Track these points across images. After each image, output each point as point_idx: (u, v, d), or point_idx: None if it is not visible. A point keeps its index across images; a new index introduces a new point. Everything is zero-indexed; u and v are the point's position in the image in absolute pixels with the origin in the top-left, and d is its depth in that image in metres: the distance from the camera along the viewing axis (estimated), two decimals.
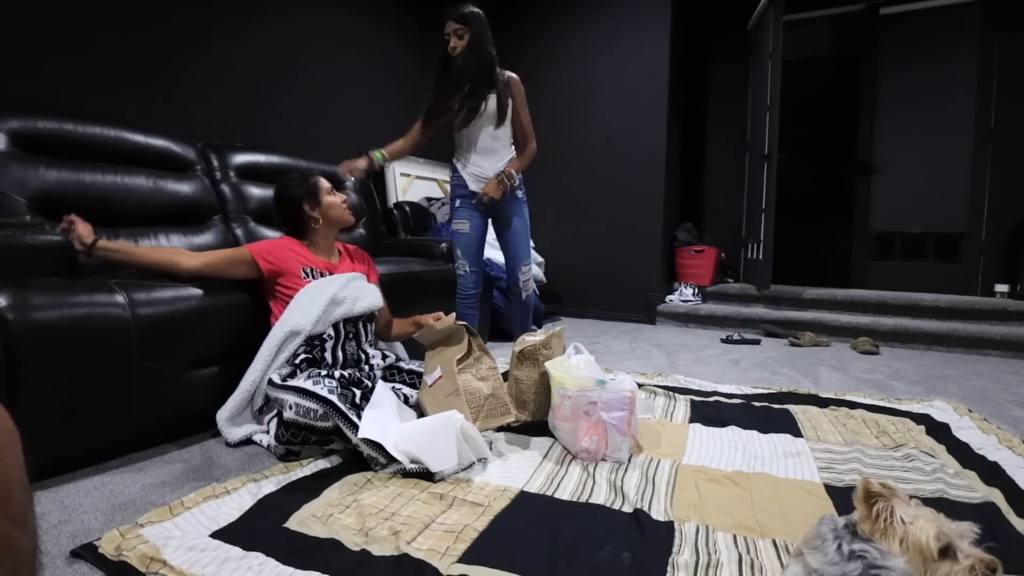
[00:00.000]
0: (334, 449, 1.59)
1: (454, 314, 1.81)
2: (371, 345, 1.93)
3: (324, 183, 1.93)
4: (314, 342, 1.74)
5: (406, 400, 1.78)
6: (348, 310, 1.80)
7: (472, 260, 2.41)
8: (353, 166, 2.24)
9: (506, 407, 1.70)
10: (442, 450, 1.42)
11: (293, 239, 1.92)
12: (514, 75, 2.34)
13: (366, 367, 1.84)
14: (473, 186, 2.35)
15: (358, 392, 1.56)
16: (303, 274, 1.82)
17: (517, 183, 2.39)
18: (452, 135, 2.38)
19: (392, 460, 1.43)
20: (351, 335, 1.83)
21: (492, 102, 2.28)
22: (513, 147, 2.40)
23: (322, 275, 1.85)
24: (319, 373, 1.61)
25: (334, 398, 1.50)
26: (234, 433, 1.67)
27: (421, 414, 1.70)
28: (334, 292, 1.77)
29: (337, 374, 1.62)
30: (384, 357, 1.97)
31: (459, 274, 2.42)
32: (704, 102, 4.81)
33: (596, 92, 4.30)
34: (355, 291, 1.84)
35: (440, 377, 1.67)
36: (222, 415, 1.69)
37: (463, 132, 2.32)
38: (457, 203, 2.40)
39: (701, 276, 4.40)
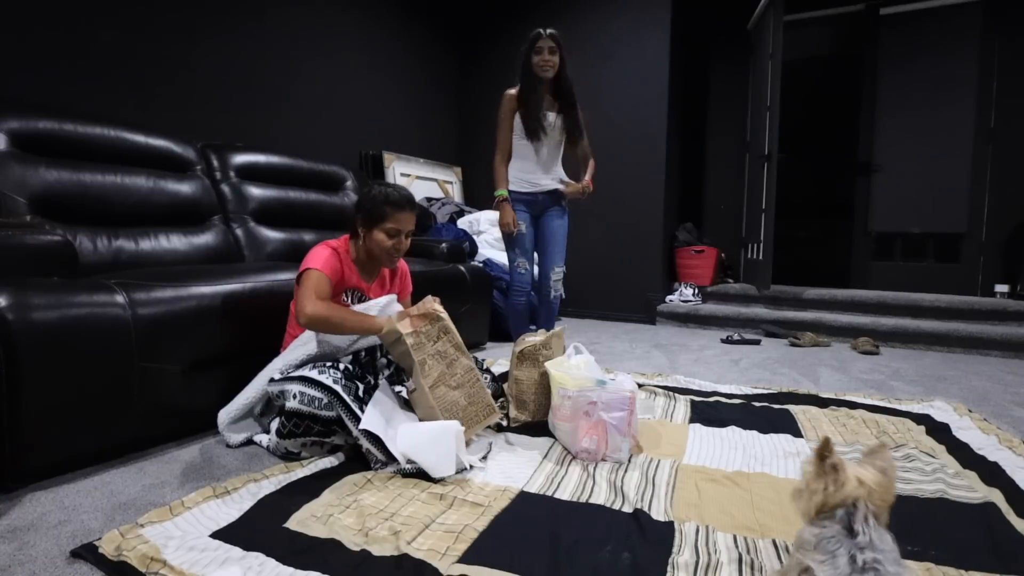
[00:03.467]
0: (336, 444, 1.59)
1: (429, 298, 1.71)
2: (382, 355, 1.90)
3: (393, 220, 1.73)
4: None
5: (405, 403, 1.76)
6: (374, 341, 1.74)
7: (529, 258, 2.49)
8: (508, 220, 2.35)
9: (489, 408, 1.67)
10: (441, 458, 1.42)
11: (343, 245, 1.81)
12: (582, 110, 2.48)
13: (370, 375, 1.81)
14: (529, 188, 2.43)
15: (361, 386, 1.56)
16: (344, 297, 1.77)
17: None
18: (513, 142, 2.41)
19: (391, 458, 1.44)
20: (366, 354, 1.80)
21: (566, 120, 2.39)
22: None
23: (358, 298, 1.80)
24: (324, 365, 1.60)
25: (338, 388, 1.50)
26: (235, 437, 1.67)
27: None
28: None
29: (342, 366, 1.61)
30: (389, 364, 1.94)
31: (519, 272, 2.46)
32: (704, 102, 4.81)
33: (596, 92, 4.30)
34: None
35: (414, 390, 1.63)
36: (223, 419, 1.68)
37: (532, 143, 2.37)
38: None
39: (701, 276, 4.40)
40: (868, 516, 0.79)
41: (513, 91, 2.37)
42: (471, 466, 1.49)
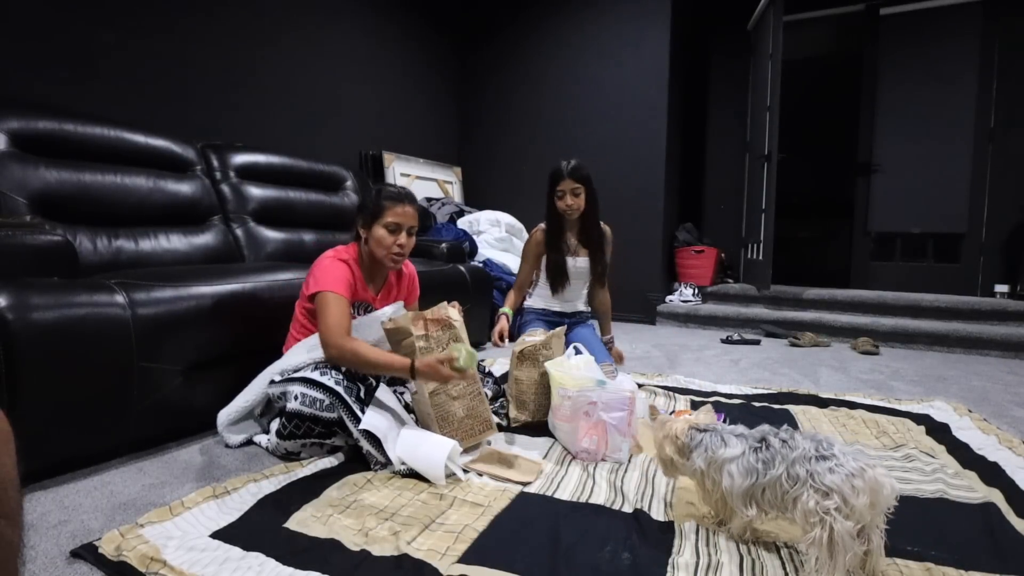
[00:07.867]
0: (336, 445, 1.59)
1: (444, 304, 1.67)
2: None
3: (392, 214, 1.68)
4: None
5: (407, 407, 1.76)
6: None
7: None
8: (499, 330, 2.17)
9: (486, 423, 1.63)
10: (432, 468, 1.41)
11: (352, 253, 1.77)
12: (608, 229, 2.34)
13: (371, 376, 1.81)
14: (548, 307, 2.36)
15: (362, 387, 1.56)
16: (352, 309, 1.71)
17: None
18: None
19: (391, 460, 1.45)
20: None
21: (592, 265, 2.30)
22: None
23: (364, 309, 1.77)
24: (325, 366, 1.60)
25: (340, 389, 1.50)
26: (234, 438, 1.67)
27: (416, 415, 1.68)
28: (375, 339, 1.68)
29: (343, 368, 1.60)
30: None
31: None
32: (704, 102, 4.81)
33: (596, 92, 4.30)
34: None
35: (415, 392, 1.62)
36: (222, 420, 1.68)
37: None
38: (531, 317, 2.37)
39: (701, 276, 4.40)
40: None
41: (541, 230, 2.28)
42: (466, 471, 1.49)
